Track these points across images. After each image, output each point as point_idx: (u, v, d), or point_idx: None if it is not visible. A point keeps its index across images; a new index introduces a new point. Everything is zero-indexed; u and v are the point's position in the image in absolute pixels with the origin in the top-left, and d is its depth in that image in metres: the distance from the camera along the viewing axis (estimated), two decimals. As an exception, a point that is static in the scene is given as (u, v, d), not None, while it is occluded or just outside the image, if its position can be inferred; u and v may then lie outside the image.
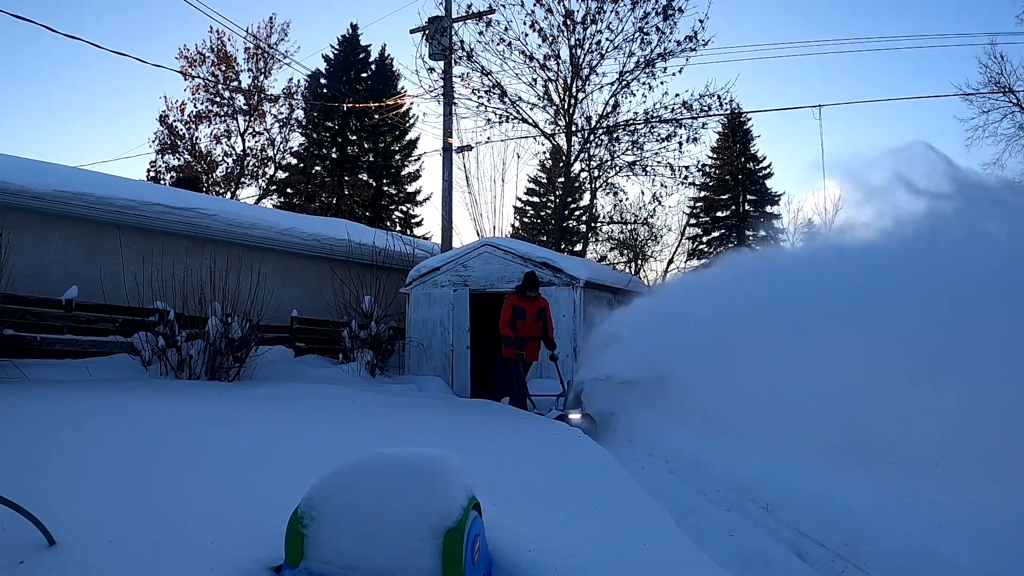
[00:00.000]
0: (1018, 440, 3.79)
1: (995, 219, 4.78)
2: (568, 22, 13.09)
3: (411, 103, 24.56)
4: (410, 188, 26.84)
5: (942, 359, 4.23)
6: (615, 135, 14.01)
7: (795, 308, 5.00)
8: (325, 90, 24.83)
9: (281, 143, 25.66)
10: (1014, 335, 4.03)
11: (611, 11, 12.98)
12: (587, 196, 19.00)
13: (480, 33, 13.27)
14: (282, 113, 25.47)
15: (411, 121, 26.04)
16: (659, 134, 13.81)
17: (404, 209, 26.96)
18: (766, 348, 4.94)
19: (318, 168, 25.46)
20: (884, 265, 4.83)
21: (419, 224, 26.89)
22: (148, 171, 24.72)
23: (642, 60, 13.27)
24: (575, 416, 7.21)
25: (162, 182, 23.09)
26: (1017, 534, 3.03)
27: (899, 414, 4.35)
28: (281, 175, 25.80)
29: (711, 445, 5.25)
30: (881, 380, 4.42)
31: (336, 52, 25.90)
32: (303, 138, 25.88)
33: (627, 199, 17.62)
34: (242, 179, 25.15)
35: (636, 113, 13.96)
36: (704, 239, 29.50)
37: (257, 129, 25.17)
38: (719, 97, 13.53)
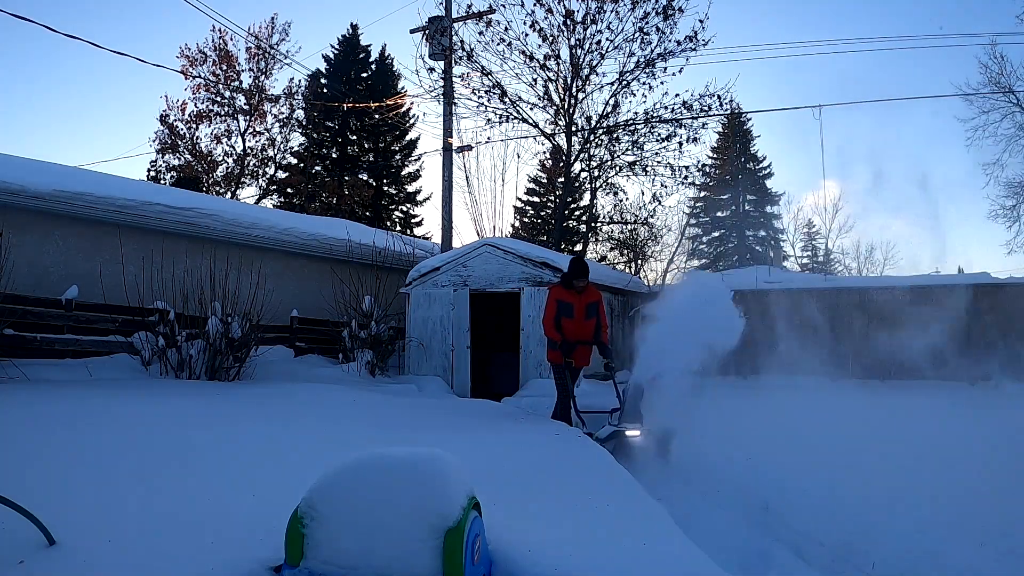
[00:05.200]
0: None
1: None
2: (568, 22, 13.08)
3: (411, 103, 24.59)
4: (410, 188, 26.83)
5: None
6: (615, 135, 14.00)
7: None
8: (325, 90, 24.82)
9: (281, 143, 25.68)
10: None
11: (611, 11, 12.97)
12: (587, 196, 19.00)
13: (480, 33, 13.28)
14: (282, 113, 25.50)
15: (411, 121, 26.05)
16: (659, 134, 13.81)
17: (404, 209, 26.95)
18: None
19: (318, 168, 25.45)
20: None
21: (419, 224, 26.90)
22: (148, 171, 24.74)
23: (642, 60, 13.27)
24: (632, 433, 5.73)
25: (162, 182, 23.08)
26: None
27: None
28: (281, 175, 25.79)
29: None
30: None
31: (336, 52, 25.89)
32: (303, 138, 25.87)
33: (627, 199, 17.57)
34: (242, 179, 25.15)
35: (636, 113, 13.95)
36: (704, 239, 29.55)
37: (257, 129, 25.18)
38: (719, 97, 13.52)
